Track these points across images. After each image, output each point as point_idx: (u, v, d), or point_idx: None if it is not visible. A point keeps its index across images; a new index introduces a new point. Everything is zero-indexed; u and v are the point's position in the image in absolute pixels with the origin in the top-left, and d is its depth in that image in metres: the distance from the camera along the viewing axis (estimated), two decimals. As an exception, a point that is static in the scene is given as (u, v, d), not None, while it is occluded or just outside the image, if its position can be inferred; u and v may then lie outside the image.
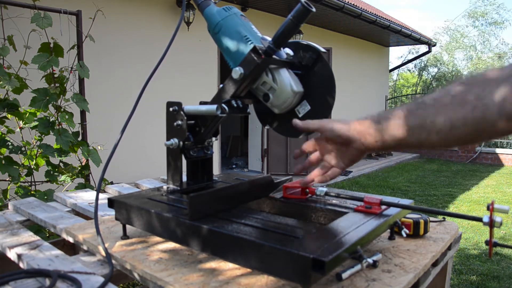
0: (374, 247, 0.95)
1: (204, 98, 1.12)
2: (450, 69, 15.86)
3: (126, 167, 4.40)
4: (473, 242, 3.62)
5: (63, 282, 0.81)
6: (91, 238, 1.01)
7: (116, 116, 4.27)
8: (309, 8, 0.84)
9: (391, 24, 7.85)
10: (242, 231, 0.77)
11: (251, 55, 0.88)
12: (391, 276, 0.79)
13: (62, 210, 1.42)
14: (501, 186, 6.26)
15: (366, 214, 0.88)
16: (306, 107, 0.95)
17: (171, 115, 1.02)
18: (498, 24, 15.94)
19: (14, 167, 2.19)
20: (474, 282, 2.81)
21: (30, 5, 2.38)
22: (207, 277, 0.79)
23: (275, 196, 1.06)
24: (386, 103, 10.79)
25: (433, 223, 1.14)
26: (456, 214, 0.85)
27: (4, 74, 2.17)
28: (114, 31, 4.55)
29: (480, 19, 16.10)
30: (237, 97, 0.95)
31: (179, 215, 0.86)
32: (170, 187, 1.06)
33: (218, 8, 1.02)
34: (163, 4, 5.12)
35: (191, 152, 1.05)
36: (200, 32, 5.33)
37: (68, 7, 2.61)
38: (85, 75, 2.50)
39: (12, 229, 1.17)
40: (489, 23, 16.11)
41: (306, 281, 0.66)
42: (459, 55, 17.98)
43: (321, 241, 0.71)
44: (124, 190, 1.67)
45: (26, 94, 2.31)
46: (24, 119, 2.28)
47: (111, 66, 4.57)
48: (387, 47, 10.61)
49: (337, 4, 6.24)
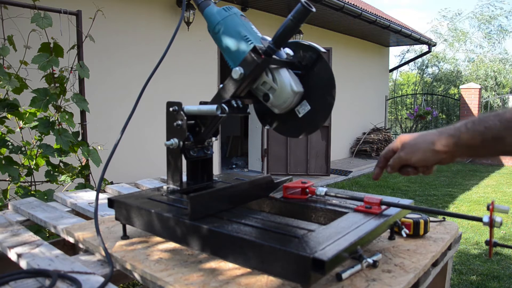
0: (374, 247, 0.95)
1: (204, 98, 1.12)
2: (452, 69, 15.83)
3: (126, 167, 4.40)
4: (473, 242, 3.62)
5: (63, 282, 0.81)
6: (91, 238, 1.01)
7: (116, 116, 4.27)
8: (309, 8, 0.84)
9: (391, 24, 7.85)
10: (242, 231, 0.77)
11: (251, 55, 0.88)
12: (391, 276, 0.79)
13: (62, 210, 1.42)
14: (501, 186, 6.25)
15: (366, 214, 0.88)
16: (306, 107, 0.95)
17: (171, 115, 1.02)
18: (504, 32, 15.84)
19: (14, 167, 2.19)
20: (474, 282, 2.81)
21: (30, 5, 2.38)
22: (207, 277, 0.79)
23: (275, 196, 1.06)
24: (386, 103, 10.79)
25: (433, 223, 1.14)
26: (456, 214, 0.85)
27: (4, 74, 2.17)
28: (114, 31, 4.55)
29: (487, 24, 16.01)
30: (237, 97, 0.95)
31: (179, 215, 0.86)
32: (170, 187, 1.06)
33: (218, 8, 1.02)
34: (163, 4, 5.12)
35: (191, 152, 1.05)
36: (200, 32, 5.34)
37: (68, 7, 2.61)
38: (85, 75, 2.50)
39: (12, 229, 1.17)
40: (496, 29, 16.03)
41: (306, 281, 0.66)
42: (460, 56, 17.95)
43: (321, 241, 0.71)
44: (124, 190, 1.67)
45: (26, 94, 2.30)
46: (24, 119, 2.28)
47: (111, 66, 4.57)
48: (387, 47, 10.60)
49: (337, 4, 6.23)
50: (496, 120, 0.67)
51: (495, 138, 0.67)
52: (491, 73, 14.19)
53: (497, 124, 0.66)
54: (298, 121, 0.96)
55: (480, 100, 9.17)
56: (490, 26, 16.02)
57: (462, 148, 0.72)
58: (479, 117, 0.70)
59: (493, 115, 0.68)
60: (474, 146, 0.70)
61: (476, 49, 16.13)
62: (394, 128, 12.66)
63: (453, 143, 0.73)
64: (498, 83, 14.31)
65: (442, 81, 15.24)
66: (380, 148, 8.72)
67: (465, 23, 17.97)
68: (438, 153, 0.75)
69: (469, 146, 0.71)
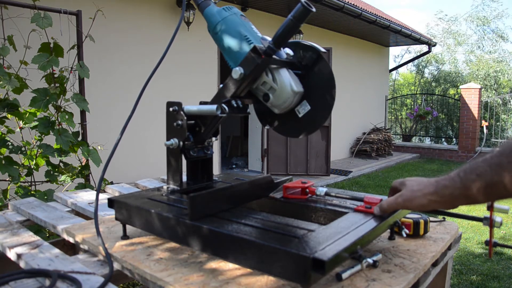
0: (374, 247, 0.95)
1: (204, 98, 1.12)
2: (451, 69, 15.82)
3: (126, 167, 4.40)
4: (473, 242, 3.62)
5: (63, 282, 0.81)
6: (91, 238, 1.01)
7: (116, 116, 4.27)
8: (309, 8, 0.84)
9: (391, 24, 7.85)
10: (242, 231, 0.77)
11: (251, 55, 0.88)
12: (391, 276, 0.79)
13: (62, 210, 1.42)
14: (501, 186, 6.25)
15: (366, 214, 0.88)
16: (306, 107, 0.95)
17: (171, 115, 1.02)
18: (500, 36, 15.84)
19: (14, 167, 2.19)
20: (474, 282, 2.81)
21: (30, 5, 2.38)
22: (207, 277, 0.79)
23: (275, 196, 1.06)
24: (386, 103, 10.79)
25: (433, 223, 1.14)
26: (456, 214, 0.85)
27: (4, 74, 2.17)
28: (114, 31, 4.55)
29: (483, 26, 16.01)
30: (237, 97, 0.95)
31: (179, 215, 0.86)
32: (170, 187, 1.06)
33: (218, 8, 1.02)
34: (163, 4, 5.12)
35: (191, 152, 1.05)
36: (200, 32, 5.33)
37: (68, 7, 2.61)
38: (85, 75, 2.50)
39: (12, 229, 1.17)
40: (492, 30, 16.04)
41: (306, 281, 0.66)
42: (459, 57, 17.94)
43: (321, 241, 0.71)
44: (124, 190, 1.67)
45: (26, 94, 2.31)
46: (24, 119, 2.28)
47: (111, 66, 4.57)
48: (387, 47, 10.60)
49: (337, 4, 6.23)
50: (486, 166, 0.65)
51: (489, 185, 0.65)
52: (493, 73, 14.18)
53: (487, 170, 0.65)
54: (298, 121, 0.96)
55: (480, 100, 9.17)
56: (487, 28, 16.05)
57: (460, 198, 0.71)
58: (470, 165, 0.69)
59: (481, 160, 0.67)
60: (470, 196, 0.69)
61: (476, 51, 16.14)
62: (394, 128, 12.66)
63: (448, 194, 0.72)
64: (499, 83, 14.30)
65: (439, 82, 15.22)
66: (380, 148, 8.72)
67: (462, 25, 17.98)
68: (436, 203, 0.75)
69: (466, 196, 0.70)
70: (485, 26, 15.93)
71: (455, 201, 0.72)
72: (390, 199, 0.84)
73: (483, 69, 14.35)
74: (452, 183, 0.71)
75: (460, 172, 0.70)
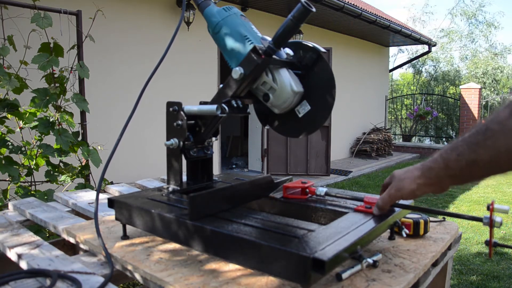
0: (374, 247, 0.95)
1: (204, 98, 1.12)
2: (449, 67, 15.82)
3: (126, 167, 4.40)
4: (473, 242, 3.62)
5: (63, 282, 0.81)
6: (92, 238, 1.01)
7: (116, 116, 4.27)
8: (309, 8, 0.84)
9: (391, 24, 7.85)
10: (242, 231, 0.77)
11: (251, 55, 0.88)
12: (391, 276, 0.79)
13: (62, 210, 1.42)
14: (501, 186, 6.25)
15: (366, 214, 0.88)
16: (306, 107, 0.95)
17: (171, 115, 1.02)
18: (489, 25, 15.86)
19: (14, 167, 2.19)
20: (474, 282, 2.81)
21: (30, 5, 2.38)
22: (207, 277, 0.79)
23: (275, 196, 1.06)
24: (386, 103, 10.79)
25: (433, 223, 1.14)
26: (456, 214, 0.85)
27: (4, 74, 2.17)
28: (114, 31, 4.55)
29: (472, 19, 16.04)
30: (237, 97, 0.95)
31: (179, 215, 0.86)
32: (170, 187, 1.06)
33: (218, 8, 1.02)
34: (163, 4, 5.12)
35: (191, 152, 1.05)
36: (200, 32, 5.33)
37: (68, 7, 2.61)
38: (85, 75, 2.50)
39: (12, 229, 1.17)
40: (480, 23, 16.07)
41: (306, 281, 0.66)
42: (455, 54, 17.95)
43: (321, 241, 0.71)
44: (124, 190, 1.67)
45: (26, 94, 2.30)
46: (24, 119, 2.28)
47: (111, 66, 4.57)
48: (387, 47, 10.60)
49: (337, 4, 6.23)
50: (465, 145, 0.67)
51: (469, 164, 0.66)
52: (491, 70, 14.17)
53: (465, 149, 0.66)
54: (298, 121, 0.97)
55: (480, 100, 9.17)
56: (475, 21, 16.08)
57: (446, 179, 0.72)
58: (451, 145, 0.70)
59: (460, 140, 0.68)
60: (454, 175, 0.70)
61: (469, 44, 16.16)
62: (394, 128, 12.65)
63: (434, 175, 0.74)
64: (498, 81, 14.29)
65: (438, 81, 15.21)
66: (380, 148, 8.71)
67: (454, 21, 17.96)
68: (425, 186, 0.76)
69: (451, 176, 0.71)
70: (473, 19, 15.98)
71: (442, 183, 0.73)
72: (383, 194, 0.86)
73: (481, 67, 14.34)
74: (436, 164, 0.73)
75: (443, 152, 0.72)
